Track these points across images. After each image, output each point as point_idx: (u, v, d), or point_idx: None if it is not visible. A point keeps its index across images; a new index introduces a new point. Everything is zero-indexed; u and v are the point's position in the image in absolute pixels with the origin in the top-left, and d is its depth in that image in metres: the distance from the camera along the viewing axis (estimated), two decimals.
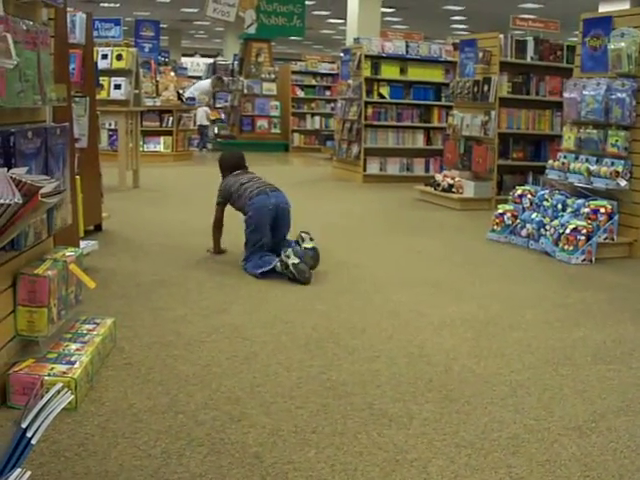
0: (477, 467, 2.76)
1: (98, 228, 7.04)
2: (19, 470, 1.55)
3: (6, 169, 1.44)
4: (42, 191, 1.48)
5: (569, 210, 6.92)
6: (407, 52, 12.76)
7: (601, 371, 3.83)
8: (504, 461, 2.81)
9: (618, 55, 6.84)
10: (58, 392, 1.87)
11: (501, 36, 9.82)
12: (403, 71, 12.77)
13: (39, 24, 3.17)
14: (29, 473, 1.55)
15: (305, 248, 5.66)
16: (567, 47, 10.09)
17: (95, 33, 10.51)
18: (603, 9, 15.42)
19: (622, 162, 6.75)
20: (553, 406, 3.36)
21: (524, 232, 7.17)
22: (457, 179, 9.98)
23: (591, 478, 2.70)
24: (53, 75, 3.56)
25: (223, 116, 19.02)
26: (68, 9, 5.74)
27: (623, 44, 6.78)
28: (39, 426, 1.69)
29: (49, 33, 3.36)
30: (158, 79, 14.85)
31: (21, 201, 1.36)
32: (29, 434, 1.65)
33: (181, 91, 15.70)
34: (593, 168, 6.93)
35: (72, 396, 1.86)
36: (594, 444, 2.97)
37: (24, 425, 1.67)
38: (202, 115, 17.77)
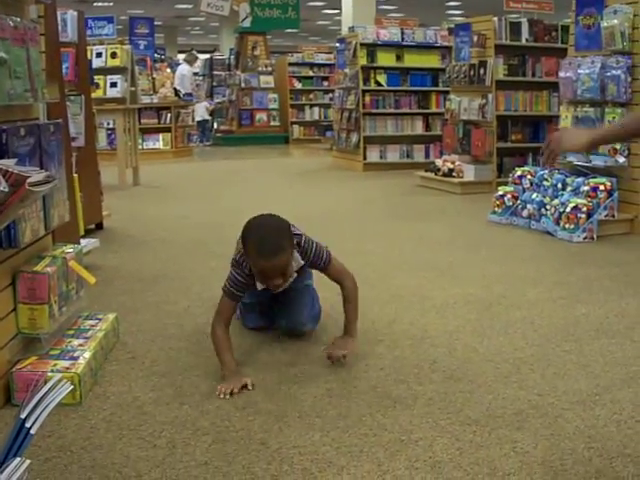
0: (482, 443, 2.76)
1: (99, 226, 7.05)
2: (18, 459, 1.56)
3: None
4: (30, 180, 1.48)
5: (569, 189, 6.91)
6: (402, 39, 12.75)
7: (604, 345, 3.83)
8: (509, 436, 2.82)
9: (611, 32, 6.82)
10: (58, 382, 1.88)
11: (495, 19, 9.79)
12: (399, 58, 12.76)
13: (27, 21, 3.17)
14: (28, 462, 1.56)
15: None
16: (562, 27, 10.04)
17: (88, 32, 10.52)
18: None
19: None
20: (557, 381, 3.36)
21: (525, 213, 7.16)
22: (457, 163, 9.98)
23: (595, 449, 2.70)
24: (45, 73, 3.57)
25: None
26: (60, 8, 5.75)
27: (616, 21, 6.76)
28: (38, 416, 1.70)
29: (38, 30, 3.36)
30: (154, 76, 14.85)
31: (7, 189, 1.37)
32: (28, 424, 1.66)
33: (179, 88, 15.69)
34: None
35: (72, 386, 1.87)
36: (598, 416, 2.98)
37: (23, 416, 1.68)
38: (202, 110, 17.74)
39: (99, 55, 10.75)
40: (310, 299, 4.06)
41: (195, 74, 19.23)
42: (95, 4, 23.92)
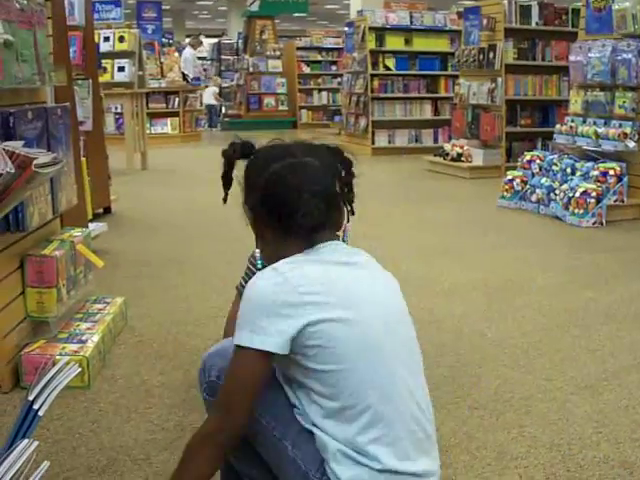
0: (489, 428, 2.76)
1: (107, 210, 7.05)
2: (27, 441, 1.56)
3: None
4: (36, 162, 1.48)
5: (578, 174, 6.88)
6: (411, 22, 12.69)
7: (612, 330, 3.82)
8: (516, 421, 2.81)
9: (623, 15, 6.77)
10: (66, 364, 1.88)
11: (505, 2, 9.72)
12: (408, 42, 12.70)
13: (34, 4, 3.15)
14: (36, 443, 1.56)
15: None
16: (572, 11, 9.96)
17: (96, 15, 10.42)
18: None
19: (630, 123, 6.70)
20: (565, 366, 3.35)
21: (534, 197, 7.14)
22: (466, 148, 9.95)
23: (603, 434, 2.70)
24: (52, 56, 3.56)
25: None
26: None
27: (627, 4, 6.71)
28: (46, 398, 1.70)
29: (45, 13, 3.35)
30: (162, 60, 14.81)
31: (13, 170, 1.36)
32: (36, 406, 1.66)
33: (185, 72, 15.64)
34: (601, 130, 6.88)
35: (80, 369, 1.87)
36: (606, 401, 2.97)
37: (31, 397, 1.68)
38: (209, 95, 17.70)
39: (107, 39, 10.72)
40: None
41: (202, 58, 19.14)
42: None
